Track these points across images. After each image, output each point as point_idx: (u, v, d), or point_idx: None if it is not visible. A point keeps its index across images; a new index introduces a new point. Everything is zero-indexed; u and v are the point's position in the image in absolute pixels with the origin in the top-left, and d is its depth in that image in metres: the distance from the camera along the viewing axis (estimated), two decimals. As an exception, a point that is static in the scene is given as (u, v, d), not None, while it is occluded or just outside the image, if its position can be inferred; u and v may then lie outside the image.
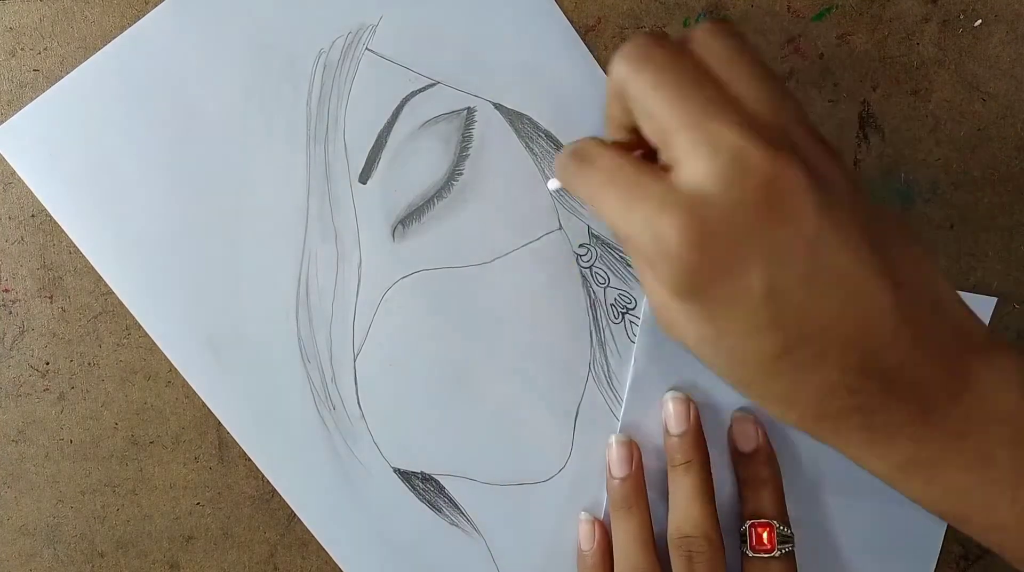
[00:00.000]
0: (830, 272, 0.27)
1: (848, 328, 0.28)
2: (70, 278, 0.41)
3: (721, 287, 0.27)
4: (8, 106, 0.40)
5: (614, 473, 0.41)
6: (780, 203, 0.26)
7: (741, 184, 0.26)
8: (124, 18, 0.40)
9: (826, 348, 0.28)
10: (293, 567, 0.43)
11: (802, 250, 0.27)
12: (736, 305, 0.27)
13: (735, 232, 0.27)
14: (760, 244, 0.27)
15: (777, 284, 0.27)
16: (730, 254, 0.27)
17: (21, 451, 0.42)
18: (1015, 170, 0.43)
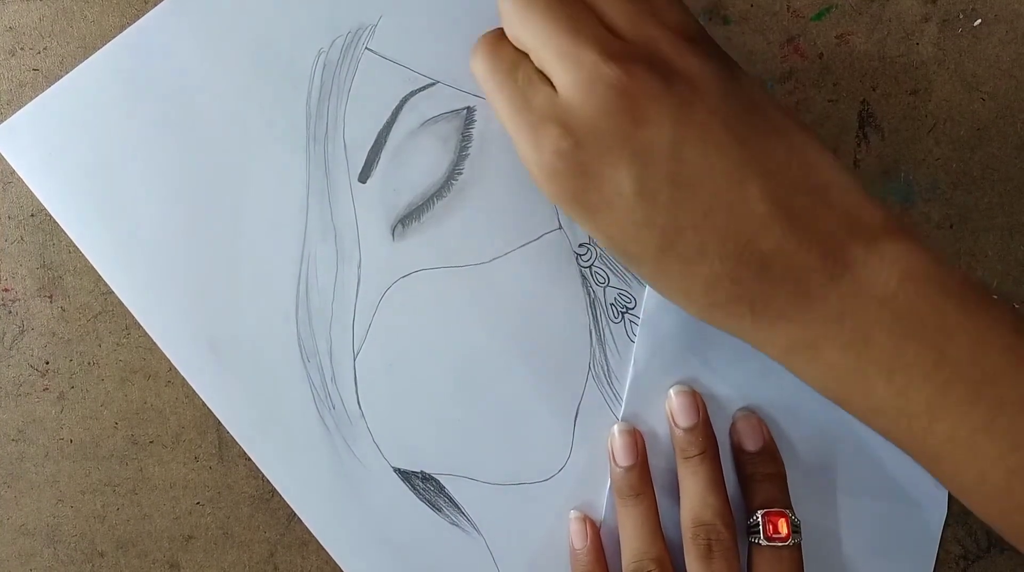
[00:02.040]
0: (693, 168, 0.30)
1: (720, 220, 0.30)
2: (70, 278, 0.41)
3: (596, 192, 0.30)
4: (8, 106, 0.40)
5: (619, 462, 0.41)
6: (637, 109, 0.29)
7: (600, 95, 0.29)
8: (124, 18, 0.40)
9: (704, 240, 0.30)
10: (293, 567, 0.43)
11: (664, 150, 0.30)
12: (613, 208, 0.30)
13: (600, 140, 0.30)
14: (624, 148, 0.30)
15: (646, 183, 0.30)
16: (598, 160, 0.30)
17: (21, 451, 0.42)
18: (1015, 170, 0.43)
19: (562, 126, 0.30)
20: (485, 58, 0.33)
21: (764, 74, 0.42)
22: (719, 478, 0.39)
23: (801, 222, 0.30)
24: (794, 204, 0.30)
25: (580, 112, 0.30)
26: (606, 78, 0.29)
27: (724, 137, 0.30)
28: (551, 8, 0.31)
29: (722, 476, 0.39)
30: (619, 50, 0.30)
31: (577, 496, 0.42)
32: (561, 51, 0.30)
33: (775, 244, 0.30)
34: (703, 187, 0.30)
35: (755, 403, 0.42)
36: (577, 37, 0.30)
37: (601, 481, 0.42)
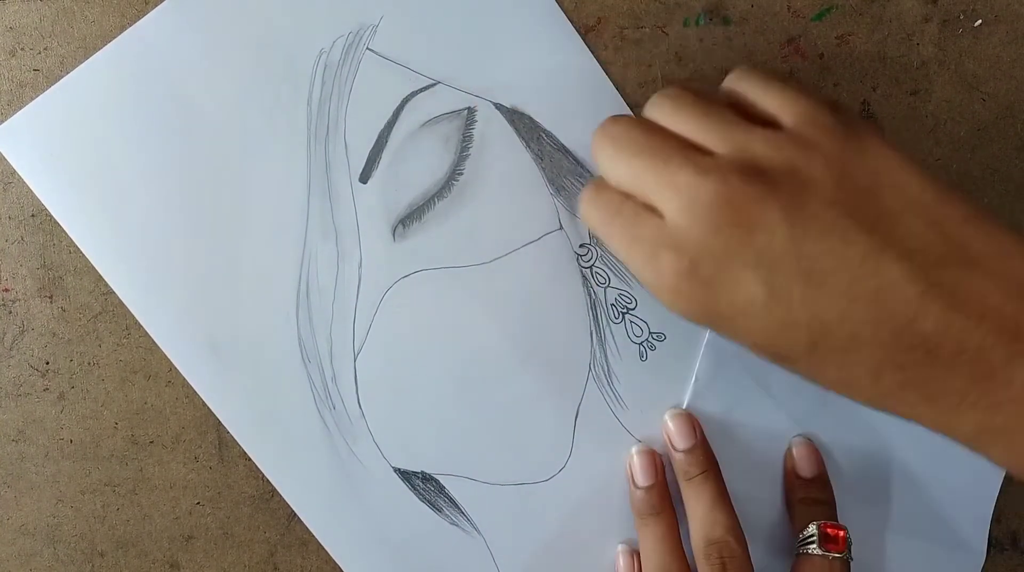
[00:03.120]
0: (822, 262, 0.29)
1: (867, 308, 0.29)
2: (70, 278, 0.41)
3: (727, 303, 0.30)
4: (8, 106, 0.40)
5: (639, 483, 0.41)
6: (744, 217, 0.29)
7: (703, 211, 0.30)
8: (124, 18, 0.40)
9: (856, 330, 0.29)
10: (293, 567, 0.43)
11: (784, 250, 0.29)
12: (749, 315, 0.30)
13: (715, 254, 0.30)
14: (742, 258, 0.30)
15: (775, 286, 0.29)
16: (720, 273, 0.30)
17: (21, 451, 0.42)
18: (1015, 170, 0.43)
19: (675, 250, 0.30)
20: (591, 205, 0.34)
21: (764, 74, 0.42)
22: (724, 495, 0.39)
23: (961, 298, 0.28)
24: (947, 281, 0.28)
25: (689, 232, 0.30)
26: (704, 194, 0.30)
27: (847, 227, 0.29)
28: (639, 145, 0.32)
29: (727, 493, 0.40)
30: (712, 165, 0.30)
31: (577, 496, 0.42)
32: (659, 182, 0.31)
33: (936, 325, 0.28)
34: (838, 279, 0.29)
35: (810, 431, 0.42)
36: (669, 164, 0.31)
37: (601, 481, 0.43)
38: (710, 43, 0.42)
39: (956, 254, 0.29)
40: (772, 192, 0.29)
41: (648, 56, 0.42)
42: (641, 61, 0.42)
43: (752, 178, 0.30)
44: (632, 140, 0.32)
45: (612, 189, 0.33)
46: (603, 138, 0.34)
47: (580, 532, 0.43)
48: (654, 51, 0.42)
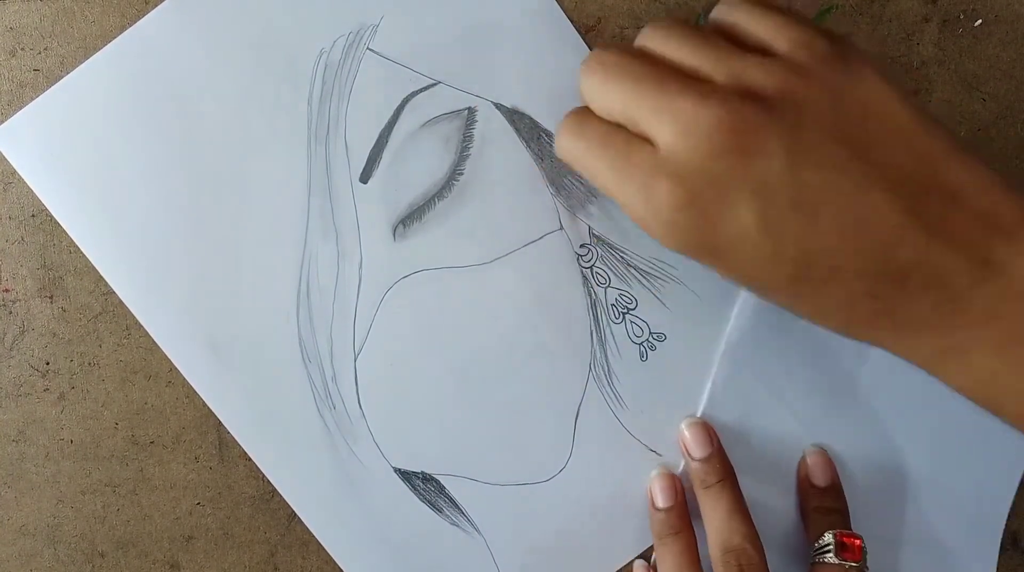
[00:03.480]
0: (815, 191, 0.29)
1: (852, 238, 0.29)
2: (70, 278, 0.41)
3: (720, 235, 0.30)
4: (8, 106, 0.40)
5: (659, 504, 0.41)
6: (744, 144, 0.29)
7: (704, 138, 0.29)
8: (124, 18, 0.40)
9: (837, 262, 0.29)
10: (293, 567, 0.43)
11: (781, 179, 0.29)
12: (738, 247, 0.30)
13: (715, 182, 0.29)
14: (740, 186, 0.29)
15: (769, 217, 0.29)
16: (717, 202, 0.29)
17: (21, 451, 0.42)
18: (1015, 170, 0.43)
19: (672, 178, 0.30)
20: (574, 136, 0.33)
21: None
22: (742, 503, 0.40)
23: (938, 227, 0.29)
24: (928, 210, 0.29)
25: (688, 160, 0.29)
26: (705, 120, 0.29)
27: (841, 153, 0.29)
28: (633, 71, 0.31)
29: (744, 501, 0.40)
30: (711, 91, 0.30)
31: (577, 496, 0.42)
32: (655, 107, 0.30)
33: (914, 254, 0.29)
34: (828, 209, 0.29)
35: (823, 439, 0.42)
36: (667, 90, 0.30)
37: (601, 481, 0.43)
38: (710, 43, 0.42)
39: (938, 186, 0.29)
40: (771, 118, 0.29)
41: (648, 56, 0.42)
42: (641, 61, 0.42)
43: (753, 103, 0.29)
44: (624, 67, 0.31)
45: (598, 119, 0.32)
46: (593, 65, 0.32)
47: (580, 532, 0.43)
48: (654, 51, 0.42)
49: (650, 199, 0.30)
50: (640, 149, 0.31)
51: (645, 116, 0.30)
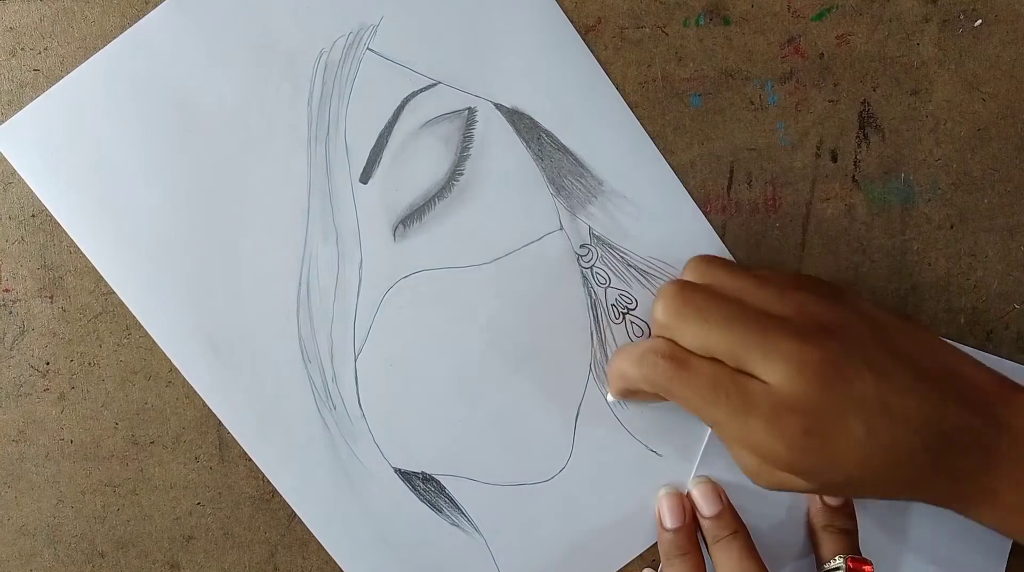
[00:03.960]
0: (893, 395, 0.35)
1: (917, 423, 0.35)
2: (70, 278, 0.41)
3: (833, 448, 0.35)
4: (8, 106, 0.40)
5: (667, 525, 0.42)
6: (845, 373, 0.35)
7: (813, 375, 0.34)
8: (124, 18, 0.40)
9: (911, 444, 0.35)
10: (293, 567, 0.43)
11: (873, 392, 0.35)
12: (848, 455, 0.35)
13: (832, 408, 0.34)
14: (849, 404, 0.35)
15: (870, 424, 0.35)
16: (834, 426, 0.35)
17: (21, 451, 0.42)
18: (1015, 170, 0.43)
19: (797, 412, 0.34)
20: (683, 383, 0.36)
21: (764, 74, 0.42)
22: (754, 550, 0.40)
23: (963, 400, 0.36)
24: (953, 389, 0.36)
25: (806, 394, 0.34)
26: (811, 360, 0.34)
27: (890, 361, 0.35)
28: (729, 317, 0.36)
29: (755, 549, 0.40)
30: (800, 330, 0.35)
31: (577, 497, 0.42)
32: (762, 350, 0.35)
33: (954, 422, 0.35)
34: (905, 407, 0.35)
35: None
36: (767, 334, 0.35)
37: (601, 482, 0.42)
38: (710, 43, 0.42)
39: (948, 370, 0.36)
40: (845, 348, 0.35)
41: (648, 56, 0.42)
42: (641, 61, 0.42)
43: (834, 338, 0.35)
44: (719, 310, 0.36)
45: (698, 359, 0.36)
46: (684, 307, 0.37)
47: (580, 532, 0.43)
48: (654, 51, 0.42)
49: (780, 432, 0.35)
50: (754, 388, 0.35)
51: (752, 357, 0.35)
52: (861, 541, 0.41)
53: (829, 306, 0.36)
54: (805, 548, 0.43)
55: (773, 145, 0.42)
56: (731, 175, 0.42)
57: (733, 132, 0.42)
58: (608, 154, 0.42)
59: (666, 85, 0.42)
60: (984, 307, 0.43)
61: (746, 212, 0.42)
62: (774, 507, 0.42)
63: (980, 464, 0.36)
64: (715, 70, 0.42)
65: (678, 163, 0.42)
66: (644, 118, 0.42)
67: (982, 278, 0.43)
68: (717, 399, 0.35)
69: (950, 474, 0.36)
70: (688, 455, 0.43)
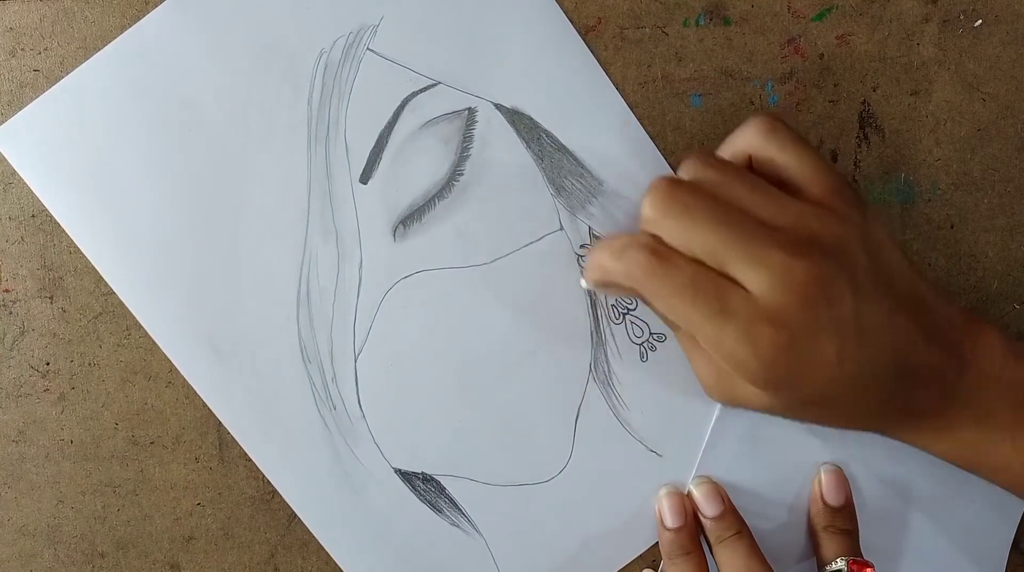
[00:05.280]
0: (868, 321, 0.34)
1: (888, 353, 0.35)
2: (70, 278, 0.41)
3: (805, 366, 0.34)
4: (8, 106, 0.40)
5: (668, 524, 0.41)
6: (826, 292, 0.34)
7: (798, 289, 0.33)
8: (124, 18, 0.40)
9: (877, 373, 0.35)
10: (293, 567, 0.43)
11: (850, 316, 0.34)
12: (817, 375, 0.34)
13: (808, 327, 0.34)
14: (827, 328, 0.34)
15: (843, 347, 0.34)
16: (808, 344, 0.34)
17: (21, 451, 0.42)
18: (1015, 170, 0.43)
19: (774, 324, 0.33)
20: (659, 277, 0.35)
21: (765, 74, 0.42)
22: (758, 551, 0.40)
23: (931, 334, 0.36)
24: (923, 321, 0.36)
25: (786, 308, 0.33)
26: (798, 274, 0.33)
27: (879, 289, 0.35)
28: (717, 217, 0.34)
29: (760, 550, 0.40)
30: (792, 242, 0.34)
31: (577, 497, 0.42)
32: (748, 257, 0.34)
33: (920, 357, 0.35)
34: (876, 334, 0.35)
35: (839, 459, 0.43)
36: (755, 240, 0.34)
37: (602, 482, 0.42)
38: (710, 43, 0.42)
39: (922, 301, 0.36)
40: (838, 268, 0.34)
41: (648, 56, 0.42)
42: (641, 61, 0.42)
43: (826, 257, 0.34)
44: (707, 210, 0.34)
45: (680, 257, 0.35)
46: (671, 202, 0.35)
47: (580, 533, 0.43)
48: (654, 51, 0.42)
49: (754, 343, 0.34)
50: (734, 294, 0.34)
51: (738, 264, 0.34)
52: (861, 541, 0.41)
53: (830, 223, 0.35)
54: (806, 549, 0.43)
55: (773, 145, 0.42)
56: (731, 175, 0.42)
57: (733, 132, 0.42)
58: (608, 154, 0.42)
59: (666, 85, 0.42)
60: (984, 307, 0.43)
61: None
62: (774, 508, 0.42)
63: (939, 399, 0.36)
64: (715, 70, 0.42)
65: (678, 163, 0.42)
66: (644, 118, 0.42)
67: (982, 278, 0.43)
68: (695, 299, 0.34)
69: (910, 406, 0.36)
70: (688, 455, 0.43)
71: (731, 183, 0.35)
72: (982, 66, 0.42)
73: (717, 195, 0.35)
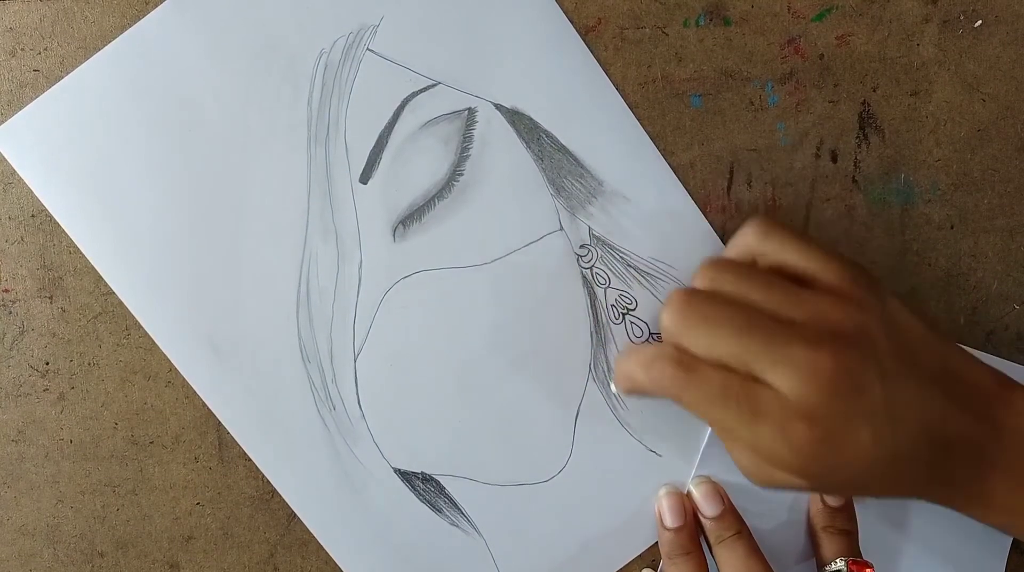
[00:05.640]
0: (899, 402, 0.35)
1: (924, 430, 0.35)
2: (70, 278, 0.41)
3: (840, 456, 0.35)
4: (8, 106, 0.40)
5: (668, 524, 0.42)
6: (853, 382, 0.34)
7: (825, 383, 0.34)
8: (124, 18, 0.40)
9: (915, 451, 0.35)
10: (293, 567, 0.43)
11: (881, 401, 0.34)
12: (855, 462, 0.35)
13: (838, 418, 0.34)
14: (858, 417, 0.34)
15: (877, 432, 0.34)
16: (842, 434, 0.34)
17: (21, 451, 0.42)
18: (1015, 170, 0.43)
19: (807, 420, 0.34)
20: (690, 388, 0.36)
21: (765, 75, 0.42)
22: (758, 551, 0.40)
23: (964, 404, 0.36)
24: (955, 392, 0.36)
25: (816, 403, 0.34)
26: (824, 367, 0.34)
27: (903, 368, 0.35)
28: (737, 323, 0.35)
29: (759, 549, 0.40)
30: (814, 335, 0.34)
31: (577, 497, 0.42)
32: (771, 357, 0.34)
33: (955, 428, 0.36)
34: (909, 413, 0.35)
35: None
36: (776, 339, 0.34)
37: (601, 482, 0.42)
38: (710, 43, 0.42)
39: (951, 372, 0.36)
40: (861, 356, 0.34)
41: (648, 56, 0.42)
42: (641, 61, 0.42)
43: (848, 346, 0.34)
44: (727, 318, 0.35)
45: (706, 366, 0.35)
46: (690, 314, 0.36)
47: (580, 532, 0.43)
48: (654, 51, 0.42)
49: (789, 441, 0.34)
50: (763, 394, 0.34)
51: (763, 365, 0.34)
52: (861, 541, 0.41)
53: (847, 311, 0.35)
54: (806, 549, 0.43)
55: (773, 146, 0.42)
56: (731, 176, 0.42)
57: (733, 133, 0.42)
58: (608, 154, 0.42)
59: (666, 85, 0.42)
60: (984, 307, 0.43)
61: (746, 213, 0.42)
62: (774, 508, 0.42)
63: (976, 467, 0.36)
64: (715, 70, 0.42)
65: (678, 163, 0.42)
66: (644, 118, 0.42)
67: (982, 278, 0.43)
68: (727, 405, 0.35)
69: (947, 477, 0.36)
70: (688, 455, 0.43)
71: (746, 285, 0.36)
72: (982, 66, 0.42)
73: (734, 300, 0.36)
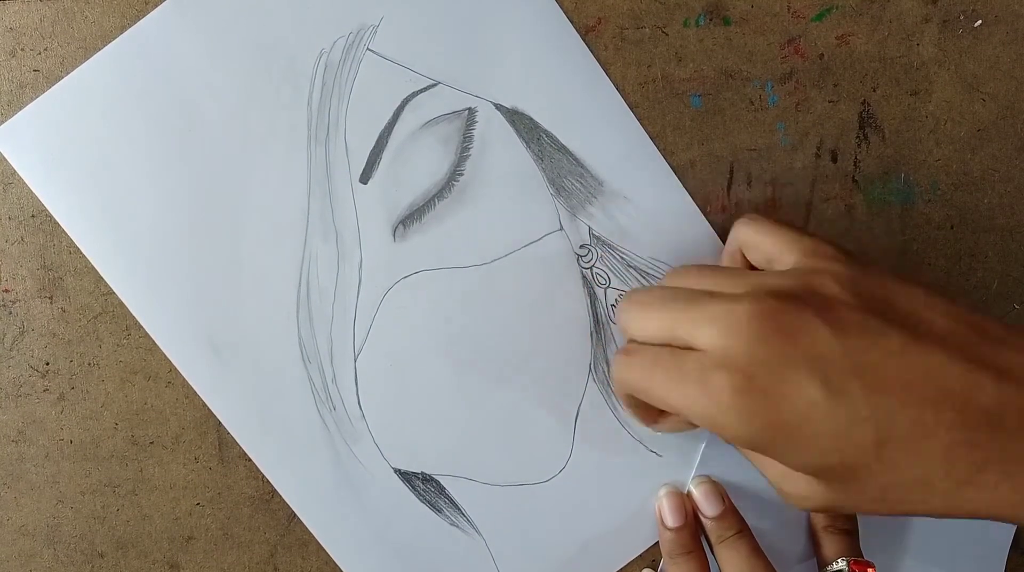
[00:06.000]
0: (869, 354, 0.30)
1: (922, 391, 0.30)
2: (70, 278, 0.41)
3: (787, 410, 0.30)
4: (8, 106, 0.40)
5: (668, 524, 0.41)
6: (782, 325, 0.31)
7: (745, 329, 0.31)
8: (124, 18, 0.40)
9: (919, 415, 0.29)
10: (293, 567, 0.43)
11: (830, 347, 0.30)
12: (811, 419, 0.30)
13: (767, 363, 0.30)
14: (793, 361, 0.30)
15: (832, 383, 0.30)
16: (775, 381, 0.30)
17: (21, 451, 0.42)
18: (1015, 170, 0.43)
19: (725, 368, 0.31)
20: (627, 367, 0.35)
21: (764, 75, 0.42)
22: (760, 551, 0.40)
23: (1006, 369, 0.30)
24: (987, 356, 0.30)
25: (735, 351, 0.31)
26: (741, 314, 0.31)
27: (877, 323, 0.31)
28: (664, 297, 0.34)
29: (760, 549, 0.40)
30: (738, 294, 0.32)
31: (577, 497, 0.42)
32: (692, 319, 0.32)
33: (993, 397, 0.29)
34: (887, 369, 0.30)
35: None
36: (697, 304, 0.33)
37: (601, 482, 0.42)
38: (710, 43, 0.42)
39: (981, 336, 0.31)
40: (799, 304, 0.31)
41: (648, 56, 0.42)
42: (641, 61, 0.42)
43: (778, 298, 0.31)
44: (656, 296, 0.35)
45: (644, 347, 0.35)
46: (628, 304, 0.36)
47: (580, 533, 0.43)
48: (654, 51, 0.42)
49: (709, 392, 0.31)
50: (688, 356, 0.32)
51: (686, 329, 0.33)
52: (862, 541, 0.41)
53: (794, 274, 0.33)
54: (807, 549, 0.43)
55: (773, 145, 0.42)
56: (731, 175, 0.42)
57: (733, 132, 0.42)
58: (608, 154, 0.42)
59: (666, 85, 0.42)
60: (984, 307, 0.43)
61: (746, 212, 0.42)
62: (775, 508, 0.42)
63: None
64: (715, 70, 0.42)
65: (678, 163, 0.42)
66: (644, 118, 0.42)
67: (982, 278, 0.43)
68: (654, 373, 0.33)
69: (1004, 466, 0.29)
70: (688, 455, 0.43)
71: (689, 274, 0.36)
72: (982, 66, 0.42)
73: (670, 285, 0.36)
